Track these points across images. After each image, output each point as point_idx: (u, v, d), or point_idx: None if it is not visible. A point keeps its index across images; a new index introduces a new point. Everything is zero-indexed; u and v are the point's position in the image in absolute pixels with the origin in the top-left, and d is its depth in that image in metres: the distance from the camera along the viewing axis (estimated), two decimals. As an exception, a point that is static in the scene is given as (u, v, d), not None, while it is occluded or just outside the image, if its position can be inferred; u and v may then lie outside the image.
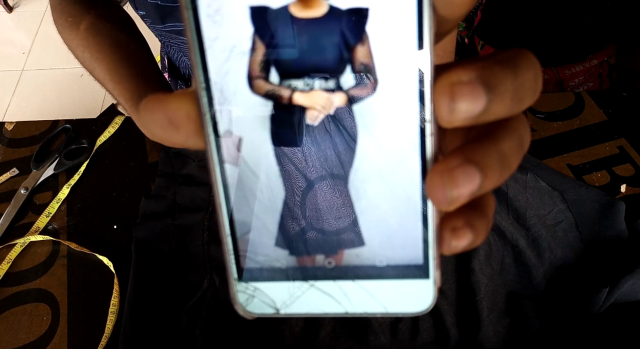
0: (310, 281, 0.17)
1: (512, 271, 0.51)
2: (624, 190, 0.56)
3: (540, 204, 0.54)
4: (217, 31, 0.15)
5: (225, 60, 0.15)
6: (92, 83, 0.56)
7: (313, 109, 0.16)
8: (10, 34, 2.04)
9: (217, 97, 0.16)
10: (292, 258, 0.17)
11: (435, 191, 0.14)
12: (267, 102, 0.16)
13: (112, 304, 0.51)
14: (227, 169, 0.16)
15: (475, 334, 0.47)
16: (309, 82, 0.16)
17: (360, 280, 0.17)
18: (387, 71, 0.15)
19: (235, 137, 0.16)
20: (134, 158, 0.64)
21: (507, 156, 0.15)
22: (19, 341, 0.50)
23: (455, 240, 0.15)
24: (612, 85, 0.85)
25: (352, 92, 0.16)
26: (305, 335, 0.48)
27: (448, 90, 0.14)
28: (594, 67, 0.83)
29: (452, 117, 0.14)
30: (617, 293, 0.47)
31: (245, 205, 0.17)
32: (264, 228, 0.17)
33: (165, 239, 0.55)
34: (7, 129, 0.68)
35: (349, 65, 0.15)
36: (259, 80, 0.16)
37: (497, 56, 0.15)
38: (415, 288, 0.17)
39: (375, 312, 0.17)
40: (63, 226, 0.58)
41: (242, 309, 0.18)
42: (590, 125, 0.62)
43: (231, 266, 0.17)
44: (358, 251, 0.17)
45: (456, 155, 0.15)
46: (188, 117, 0.16)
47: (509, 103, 0.14)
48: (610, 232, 0.52)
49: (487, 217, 0.16)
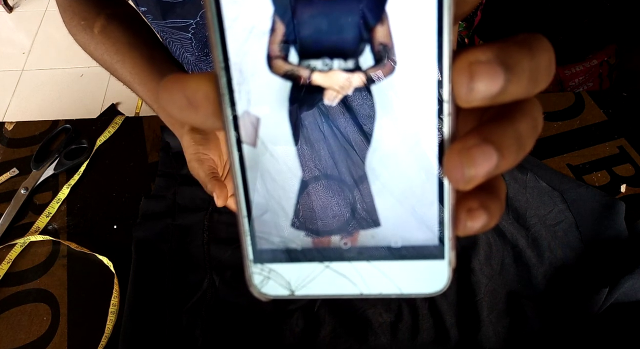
0: (325, 262, 0.17)
1: (512, 271, 0.51)
2: (624, 190, 0.56)
3: (540, 204, 0.54)
4: (237, 11, 0.15)
5: (244, 41, 0.15)
6: (92, 83, 0.56)
7: (331, 89, 0.16)
8: (10, 34, 2.04)
9: (236, 77, 0.16)
10: (308, 239, 0.17)
11: (453, 170, 0.15)
12: (285, 82, 0.16)
13: (112, 304, 0.51)
14: (245, 149, 0.16)
15: (475, 334, 0.47)
16: (328, 62, 0.16)
17: (375, 261, 0.17)
18: (405, 51, 0.15)
19: (253, 118, 0.16)
20: (134, 158, 0.64)
21: (522, 136, 0.15)
22: (19, 341, 0.50)
23: (470, 221, 0.16)
24: (612, 85, 0.85)
25: (371, 73, 0.16)
26: (305, 335, 0.48)
27: (467, 69, 0.14)
28: (594, 67, 0.83)
29: (470, 96, 0.14)
30: (617, 293, 0.47)
31: (262, 186, 0.17)
32: (280, 209, 0.17)
33: (165, 239, 0.55)
34: (7, 129, 0.68)
35: (368, 45, 0.15)
36: (278, 61, 0.16)
37: (515, 38, 0.15)
38: (430, 269, 0.17)
39: (390, 293, 0.17)
40: (63, 226, 0.58)
41: (257, 290, 0.17)
42: (590, 125, 0.62)
43: (247, 248, 0.17)
44: (373, 232, 0.17)
45: (473, 134, 0.15)
46: (207, 98, 0.16)
47: (526, 84, 0.15)
48: (610, 232, 0.52)
49: (500, 200, 0.16)
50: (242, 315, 0.50)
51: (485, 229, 0.16)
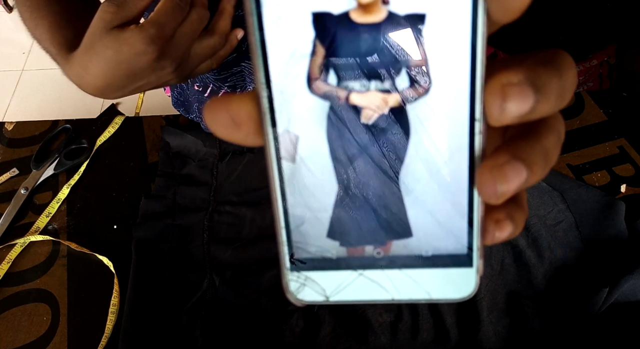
0: (359, 269, 0.18)
1: (512, 271, 0.51)
2: (624, 190, 0.56)
3: (540, 204, 0.54)
4: (279, 36, 0.16)
5: (286, 63, 0.16)
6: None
7: (368, 108, 0.17)
8: (10, 34, 2.04)
9: (278, 98, 0.17)
10: (343, 249, 0.18)
11: (485, 186, 0.16)
12: (325, 102, 0.17)
13: (112, 304, 0.51)
14: (284, 165, 0.17)
15: (475, 334, 0.47)
16: (365, 83, 0.17)
17: (406, 269, 0.18)
18: (440, 73, 0.16)
19: (292, 135, 0.17)
20: (134, 158, 0.64)
21: (549, 151, 0.16)
22: (19, 341, 0.50)
23: (498, 231, 0.17)
24: (612, 85, 0.85)
25: (406, 93, 0.16)
26: (305, 335, 0.48)
27: (499, 91, 0.15)
28: (594, 67, 0.82)
29: (502, 116, 0.15)
30: (617, 293, 0.47)
31: (299, 199, 0.18)
32: (317, 221, 0.18)
33: (165, 239, 0.55)
34: (7, 129, 0.68)
35: (404, 67, 0.16)
36: (317, 82, 0.17)
37: (541, 57, 0.16)
38: (459, 276, 0.18)
39: (420, 298, 0.18)
40: (63, 226, 0.58)
41: (294, 297, 0.19)
42: (590, 125, 0.62)
43: (284, 257, 0.18)
44: (405, 242, 0.18)
45: (504, 152, 0.16)
46: (249, 117, 0.17)
47: (554, 102, 0.15)
48: (610, 232, 0.52)
49: (524, 209, 0.17)
50: (242, 315, 0.50)
51: (510, 238, 0.17)
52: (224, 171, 0.60)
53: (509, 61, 0.17)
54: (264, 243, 0.53)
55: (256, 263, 0.52)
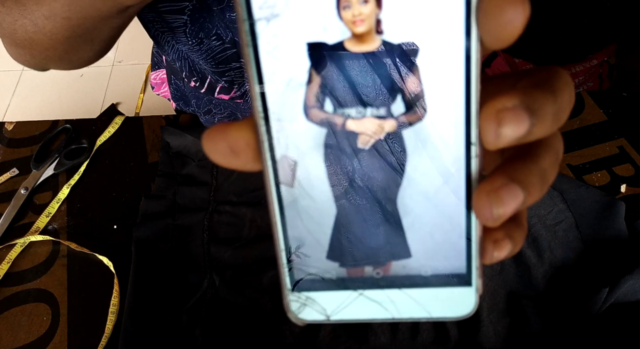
0: (359, 290, 0.18)
1: (512, 271, 0.51)
2: (624, 190, 0.56)
3: (540, 204, 0.54)
4: (275, 66, 0.16)
5: (282, 92, 0.17)
6: (92, 83, 0.56)
7: (365, 134, 0.17)
8: (10, 34, 2.04)
9: (275, 125, 0.17)
10: (343, 270, 0.19)
11: (482, 209, 0.16)
12: (321, 128, 0.17)
13: (112, 304, 0.51)
14: (283, 189, 0.18)
15: (475, 334, 0.47)
16: (361, 110, 0.17)
17: (406, 288, 0.18)
18: (435, 99, 0.16)
19: (291, 161, 0.17)
20: (134, 158, 0.64)
21: (546, 172, 0.16)
22: (19, 341, 0.50)
23: (497, 251, 0.17)
24: (612, 85, 0.85)
25: (402, 119, 0.17)
26: (305, 335, 0.48)
27: (494, 116, 0.15)
28: (594, 67, 0.82)
29: (497, 141, 0.15)
30: (617, 293, 0.47)
31: (298, 222, 0.18)
32: (316, 243, 0.18)
33: (165, 239, 0.55)
34: (7, 129, 0.68)
35: (399, 94, 0.16)
36: (314, 110, 0.17)
37: (536, 77, 0.16)
38: (458, 295, 0.18)
39: (420, 317, 0.18)
40: (63, 226, 0.58)
41: (294, 316, 0.19)
42: (590, 125, 0.62)
43: (285, 278, 0.19)
44: (405, 262, 0.18)
45: (500, 175, 0.16)
46: (247, 145, 0.17)
47: (550, 124, 0.15)
48: (610, 232, 0.52)
49: (523, 227, 0.17)
50: (242, 315, 0.50)
51: (510, 256, 0.17)
52: (224, 171, 0.60)
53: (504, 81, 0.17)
54: (264, 243, 0.53)
55: (256, 263, 0.52)
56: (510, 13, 0.14)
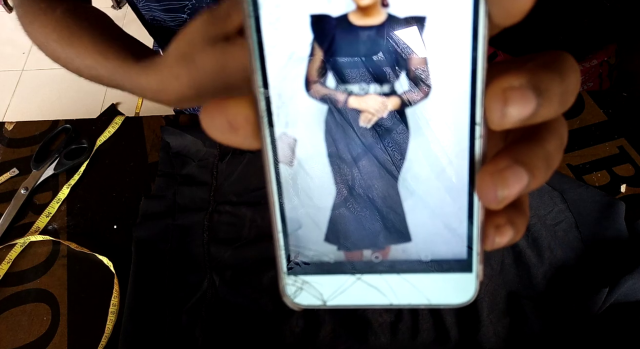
0: (357, 274, 0.18)
1: (512, 271, 0.51)
2: (624, 190, 0.56)
3: (540, 204, 0.54)
4: (277, 38, 0.16)
5: (284, 66, 0.16)
6: (92, 83, 0.55)
7: (367, 112, 0.16)
8: (10, 34, 2.04)
9: (275, 101, 0.16)
10: (341, 253, 0.18)
11: (486, 191, 0.15)
12: (323, 105, 0.16)
13: (112, 304, 0.51)
14: (281, 168, 0.17)
15: (475, 334, 0.47)
16: (364, 86, 0.16)
17: (405, 273, 0.18)
18: (440, 76, 0.16)
19: (290, 139, 0.17)
20: (134, 158, 0.64)
21: (551, 155, 0.16)
22: (19, 341, 0.50)
23: (499, 237, 0.16)
24: (612, 85, 0.85)
25: (406, 97, 0.16)
26: (305, 335, 0.48)
27: (500, 95, 0.14)
28: (594, 67, 0.82)
29: (503, 120, 0.15)
30: (617, 293, 0.47)
31: (297, 203, 0.18)
32: (314, 225, 0.18)
33: (165, 239, 0.55)
34: (7, 129, 0.68)
35: (404, 71, 0.16)
36: (316, 85, 0.16)
37: (543, 59, 0.15)
38: (458, 281, 0.18)
39: (419, 303, 0.18)
40: (63, 226, 0.58)
41: (290, 301, 0.18)
42: (590, 125, 0.62)
43: (281, 261, 0.18)
44: (404, 247, 0.18)
45: (505, 156, 0.15)
46: (246, 120, 0.17)
47: (556, 106, 0.15)
48: (610, 232, 0.52)
49: (525, 214, 0.17)
50: (242, 315, 0.50)
51: (511, 243, 0.17)
52: (224, 171, 0.60)
53: (510, 64, 0.16)
54: (264, 243, 0.53)
55: (256, 262, 0.52)
56: None
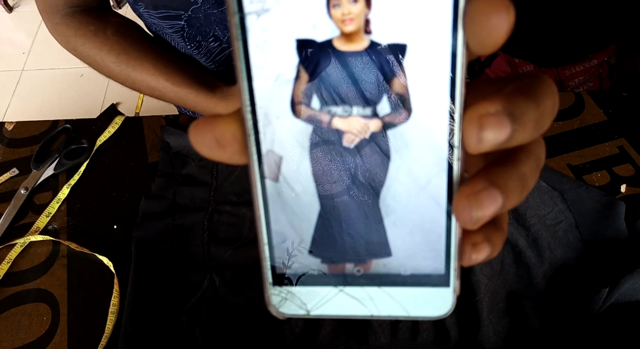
0: (339, 286, 0.19)
1: (512, 271, 0.51)
2: (624, 190, 0.56)
3: (540, 204, 0.54)
4: (264, 60, 0.16)
5: (270, 87, 0.17)
6: (92, 83, 0.56)
7: (350, 133, 0.17)
8: (10, 34, 2.04)
9: (262, 120, 0.17)
10: (324, 266, 0.19)
11: (461, 212, 0.16)
12: (307, 125, 0.17)
13: (112, 304, 0.51)
14: (267, 184, 0.18)
15: (475, 334, 0.47)
16: (348, 108, 0.17)
17: (385, 286, 0.19)
18: (420, 101, 0.17)
19: (276, 156, 0.18)
20: (134, 158, 0.64)
21: (526, 177, 0.16)
22: (19, 341, 0.50)
23: (475, 254, 0.17)
24: (612, 85, 0.85)
25: (387, 119, 0.17)
26: (305, 335, 0.48)
27: (477, 121, 0.15)
28: (594, 67, 0.82)
29: (479, 145, 0.15)
30: (617, 293, 0.47)
31: (282, 217, 0.18)
32: (299, 238, 0.19)
33: (165, 239, 0.55)
34: (7, 129, 0.68)
35: (385, 94, 0.17)
36: (301, 106, 0.17)
37: (520, 84, 0.16)
38: (436, 295, 0.18)
39: (398, 315, 0.19)
40: (63, 226, 0.58)
41: (275, 310, 0.19)
42: (590, 125, 0.62)
43: (266, 272, 0.19)
44: (385, 261, 0.19)
45: (480, 178, 0.16)
46: (234, 138, 0.17)
47: (531, 130, 0.16)
48: (610, 232, 0.52)
49: (502, 231, 0.18)
50: (242, 315, 0.50)
51: (488, 260, 0.17)
52: (224, 171, 0.60)
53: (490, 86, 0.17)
54: (264, 243, 0.53)
55: (256, 263, 0.52)
56: (495, 19, 0.14)
